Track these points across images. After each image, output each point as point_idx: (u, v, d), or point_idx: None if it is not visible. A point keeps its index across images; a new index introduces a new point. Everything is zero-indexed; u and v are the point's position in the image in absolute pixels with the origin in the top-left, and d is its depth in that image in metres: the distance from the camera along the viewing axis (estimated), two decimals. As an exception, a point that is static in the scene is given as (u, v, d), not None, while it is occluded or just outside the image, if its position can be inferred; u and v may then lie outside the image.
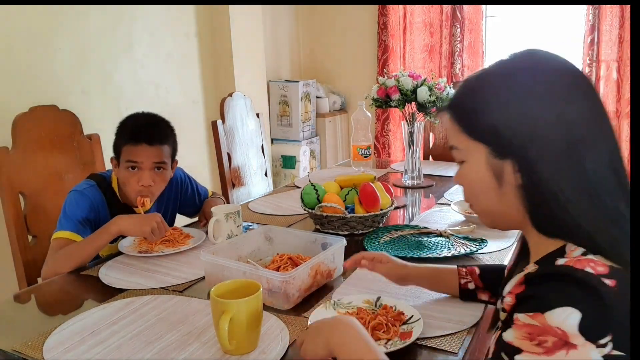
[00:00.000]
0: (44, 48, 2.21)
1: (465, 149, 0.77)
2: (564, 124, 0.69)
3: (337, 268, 1.25)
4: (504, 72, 0.76)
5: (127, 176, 1.49)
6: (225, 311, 0.90)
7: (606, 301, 0.62)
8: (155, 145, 1.49)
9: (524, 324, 0.64)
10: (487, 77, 0.77)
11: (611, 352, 0.61)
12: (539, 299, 0.64)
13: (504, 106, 0.72)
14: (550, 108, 0.69)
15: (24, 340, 1.01)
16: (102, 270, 1.34)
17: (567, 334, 0.61)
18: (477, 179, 0.77)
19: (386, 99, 1.99)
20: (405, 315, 1.02)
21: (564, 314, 0.62)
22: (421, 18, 3.55)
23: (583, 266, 0.64)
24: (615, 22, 2.97)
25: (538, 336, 0.62)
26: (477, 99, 0.75)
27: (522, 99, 0.71)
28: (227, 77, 3.12)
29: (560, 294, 0.63)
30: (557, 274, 0.66)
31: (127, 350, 0.96)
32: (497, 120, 0.72)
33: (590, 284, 0.63)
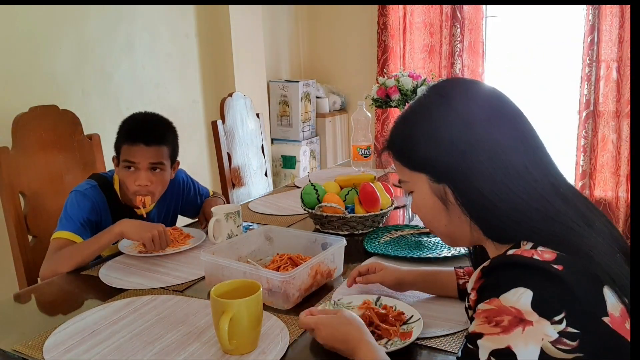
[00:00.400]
0: (44, 48, 2.21)
1: (410, 180, 0.85)
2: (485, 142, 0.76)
3: (337, 268, 1.25)
4: (426, 105, 0.83)
5: (125, 175, 1.49)
6: (226, 311, 0.90)
7: (556, 281, 0.66)
8: (152, 145, 1.48)
9: (482, 310, 0.69)
10: (413, 112, 0.85)
11: (566, 329, 0.64)
12: (493, 286, 0.70)
13: (429, 136, 0.80)
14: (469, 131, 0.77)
15: (24, 340, 1.01)
16: (102, 270, 1.34)
17: (521, 311, 0.65)
18: (426, 206, 0.84)
19: (386, 99, 2.00)
20: (405, 315, 1.02)
21: (517, 294, 0.66)
22: (421, 18, 3.55)
23: (531, 254, 0.69)
24: (615, 22, 2.97)
25: (495, 317, 0.67)
26: (407, 135, 0.84)
27: (443, 127, 0.79)
28: (227, 77, 3.12)
29: (511, 277, 0.68)
30: (507, 262, 0.71)
31: (127, 350, 0.96)
32: (427, 150, 0.80)
33: (538, 266, 0.68)
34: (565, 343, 0.64)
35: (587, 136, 3.14)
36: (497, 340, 0.66)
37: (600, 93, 3.08)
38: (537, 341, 0.64)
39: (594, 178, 3.17)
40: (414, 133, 0.82)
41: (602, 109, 3.10)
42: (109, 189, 1.56)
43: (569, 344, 0.64)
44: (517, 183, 0.75)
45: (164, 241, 1.40)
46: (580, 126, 3.14)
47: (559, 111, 3.37)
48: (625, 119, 3.02)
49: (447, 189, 0.79)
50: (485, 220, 0.77)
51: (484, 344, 0.67)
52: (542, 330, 0.64)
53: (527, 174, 0.75)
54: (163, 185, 1.55)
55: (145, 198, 1.50)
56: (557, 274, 0.66)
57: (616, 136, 3.07)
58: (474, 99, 0.81)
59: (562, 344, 0.64)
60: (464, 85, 0.85)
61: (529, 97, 3.43)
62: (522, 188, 0.74)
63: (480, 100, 0.81)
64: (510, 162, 0.76)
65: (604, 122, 3.10)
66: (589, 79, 3.08)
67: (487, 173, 0.75)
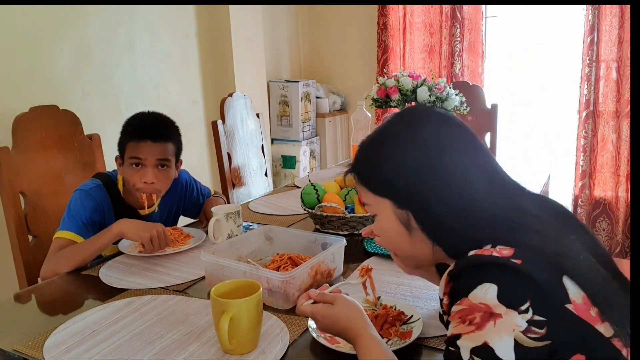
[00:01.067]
0: (44, 48, 2.21)
1: (374, 204, 0.87)
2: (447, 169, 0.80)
3: (337, 268, 1.25)
4: (392, 132, 0.86)
5: (131, 173, 1.49)
6: (226, 311, 0.90)
7: (517, 273, 0.70)
8: (159, 142, 1.48)
9: (455, 312, 0.72)
10: (378, 138, 0.88)
11: (533, 317, 0.67)
12: (461, 287, 0.73)
13: (393, 162, 0.83)
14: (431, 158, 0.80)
15: (24, 340, 1.01)
16: (103, 270, 1.34)
17: (489, 306, 0.68)
18: (390, 230, 0.86)
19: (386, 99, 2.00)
20: (406, 315, 1.02)
21: (482, 290, 0.69)
22: (421, 18, 3.55)
23: (490, 252, 0.73)
24: (615, 22, 2.97)
25: (467, 316, 0.70)
26: (372, 160, 0.87)
27: (407, 153, 0.82)
28: (227, 77, 3.12)
29: (476, 275, 0.72)
30: (469, 264, 0.74)
31: (128, 350, 0.96)
32: (391, 176, 0.83)
33: (498, 262, 0.71)
34: (535, 331, 0.67)
35: (587, 136, 3.14)
36: (474, 338, 0.68)
37: (600, 93, 3.08)
38: (509, 332, 0.67)
39: (593, 178, 3.17)
40: (379, 159, 0.85)
41: (602, 109, 3.10)
42: (113, 189, 1.55)
43: (538, 332, 0.67)
44: (478, 205, 0.78)
45: (163, 241, 1.40)
46: (580, 126, 3.14)
47: (559, 111, 3.37)
48: (625, 119, 3.02)
49: (410, 214, 0.82)
50: (447, 242, 0.81)
51: (463, 344, 0.69)
52: (512, 320, 0.67)
53: (486, 195, 0.79)
54: (168, 183, 1.55)
55: (151, 195, 1.50)
56: (516, 267, 0.70)
57: (616, 136, 3.07)
58: (436, 126, 0.84)
59: (532, 332, 0.67)
60: (428, 113, 0.88)
61: (529, 97, 3.43)
62: (482, 209, 0.78)
63: (442, 128, 0.84)
64: (470, 186, 0.79)
65: (603, 122, 3.10)
66: (589, 79, 3.08)
67: (448, 198, 0.79)
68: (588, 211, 3.22)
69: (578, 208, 3.22)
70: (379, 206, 0.86)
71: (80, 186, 1.52)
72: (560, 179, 3.19)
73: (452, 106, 1.93)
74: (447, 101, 1.92)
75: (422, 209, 0.81)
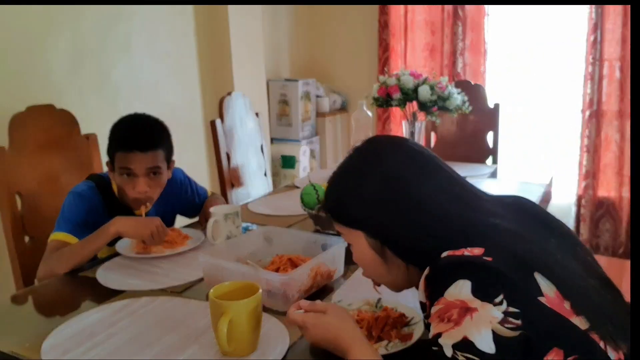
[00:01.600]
0: (40, 47, 2.20)
1: (348, 235, 0.91)
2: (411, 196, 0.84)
3: (338, 269, 1.24)
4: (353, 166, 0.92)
5: (122, 182, 1.47)
6: (225, 313, 0.89)
7: (489, 269, 0.72)
8: (148, 151, 1.44)
9: (433, 313, 0.74)
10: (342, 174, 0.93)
11: (508, 309, 0.69)
12: (437, 288, 0.75)
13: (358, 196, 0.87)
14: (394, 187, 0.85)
15: (21, 342, 1.00)
16: (100, 272, 1.33)
17: (465, 301, 0.71)
18: (365, 259, 0.90)
19: (387, 98, 1.98)
20: (406, 317, 1.01)
21: (457, 287, 0.72)
22: (422, 17, 3.53)
23: (461, 252, 0.76)
24: (618, 21, 2.96)
25: (445, 314, 0.72)
26: (339, 196, 0.91)
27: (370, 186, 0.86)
28: (226, 76, 3.11)
29: (449, 274, 0.74)
30: (443, 264, 0.77)
31: (125, 353, 0.95)
32: (359, 209, 0.87)
33: (470, 260, 0.74)
34: (511, 322, 0.69)
35: (590, 136, 3.13)
36: (453, 334, 0.70)
37: (604, 92, 3.06)
38: (487, 325, 0.69)
39: (597, 178, 3.15)
40: (344, 194, 0.90)
41: (606, 109, 3.08)
42: (107, 190, 1.54)
43: (514, 322, 0.69)
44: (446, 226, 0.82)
45: (163, 235, 1.39)
46: (584, 126, 3.13)
47: (562, 111, 3.35)
48: (628, 119, 3.01)
49: (380, 242, 0.86)
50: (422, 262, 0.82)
51: (445, 342, 0.71)
52: (488, 313, 0.69)
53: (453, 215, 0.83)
54: (161, 189, 1.53)
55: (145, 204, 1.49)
56: (487, 264, 0.73)
57: (619, 136, 3.06)
58: (392, 157, 0.88)
59: (508, 322, 0.69)
60: (383, 145, 0.92)
61: (532, 97, 3.41)
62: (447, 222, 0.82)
63: (397, 157, 0.88)
64: (435, 209, 0.83)
65: (607, 122, 3.09)
66: (592, 78, 3.06)
67: (413, 221, 0.83)
68: (591, 211, 3.20)
69: (581, 208, 3.21)
70: (353, 238, 0.90)
71: (73, 188, 1.50)
72: (564, 179, 3.17)
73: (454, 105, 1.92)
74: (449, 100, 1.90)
75: (389, 235, 0.85)
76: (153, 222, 1.38)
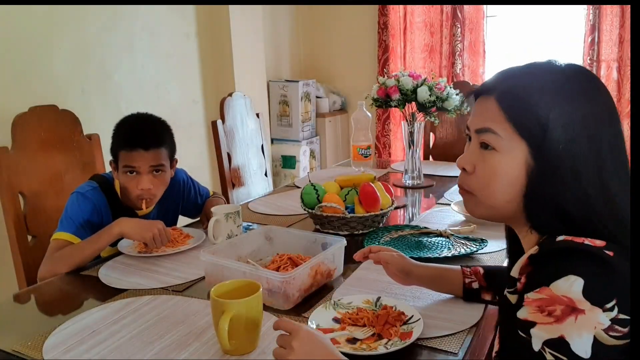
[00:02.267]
0: (43, 48, 2.21)
1: (506, 139, 0.73)
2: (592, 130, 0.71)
3: (337, 268, 1.24)
4: (554, 72, 0.74)
5: (126, 180, 1.48)
6: (225, 311, 0.90)
7: (607, 267, 0.65)
8: (151, 149, 1.46)
9: (533, 299, 0.66)
10: (541, 74, 0.75)
11: (618, 316, 0.63)
12: (543, 275, 0.67)
13: (556, 107, 0.71)
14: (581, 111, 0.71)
15: (23, 340, 1.00)
16: (102, 271, 1.34)
17: (573, 300, 0.63)
18: (507, 175, 0.74)
19: (386, 98, 1.99)
20: (406, 315, 1.02)
21: (567, 283, 0.64)
22: (421, 18, 3.55)
23: (581, 240, 0.67)
24: (615, 22, 2.97)
25: (547, 307, 0.65)
26: (528, 95, 0.72)
27: (569, 102, 0.71)
28: (227, 76, 3.12)
29: (562, 265, 0.66)
30: (558, 249, 0.68)
31: (127, 351, 0.96)
32: (553, 124, 0.70)
33: (590, 252, 0.66)
34: (617, 330, 0.63)
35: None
36: (550, 330, 0.64)
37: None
38: (590, 329, 0.63)
39: (594, 178, 3.16)
40: (541, 95, 0.71)
41: (603, 109, 3.09)
42: (110, 190, 1.55)
43: (621, 331, 0.63)
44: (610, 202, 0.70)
45: (165, 238, 1.40)
46: (581, 126, 3.14)
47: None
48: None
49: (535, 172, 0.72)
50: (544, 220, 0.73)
51: (537, 333, 0.65)
52: (595, 318, 0.63)
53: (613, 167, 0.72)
54: (164, 186, 1.54)
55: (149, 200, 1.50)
56: (608, 260, 0.65)
57: (617, 136, 3.07)
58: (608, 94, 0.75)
59: (614, 330, 0.63)
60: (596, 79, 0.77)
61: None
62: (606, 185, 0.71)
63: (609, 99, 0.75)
64: (621, 162, 0.72)
65: (604, 122, 3.10)
66: (590, 79, 3.07)
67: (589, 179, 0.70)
68: (588, 211, 3.21)
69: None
70: (511, 145, 0.73)
71: (76, 189, 1.51)
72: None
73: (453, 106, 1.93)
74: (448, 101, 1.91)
75: (551, 175, 0.71)
76: (155, 224, 1.39)
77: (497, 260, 1.32)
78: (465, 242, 1.43)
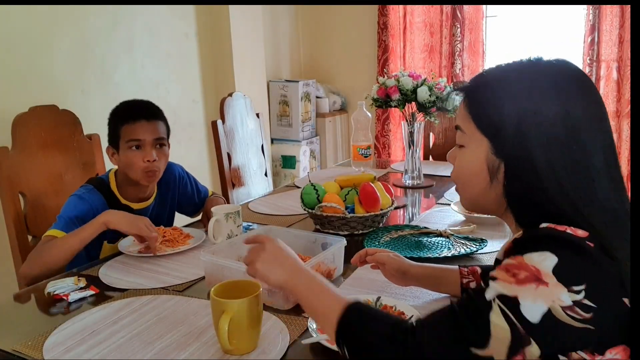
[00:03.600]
0: (44, 48, 2.21)
1: (469, 135, 0.80)
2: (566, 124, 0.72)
3: (337, 268, 1.25)
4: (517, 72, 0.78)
5: (131, 156, 1.50)
6: (225, 311, 0.90)
7: (585, 255, 0.66)
8: (152, 120, 1.52)
9: (504, 264, 0.69)
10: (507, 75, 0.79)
11: (583, 300, 0.64)
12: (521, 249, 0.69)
13: (513, 105, 0.74)
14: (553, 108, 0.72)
15: (24, 340, 1.01)
16: (102, 270, 1.34)
17: (540, 272, 0.65)
18: (471, 168, 0.80)
19: (386, 98, 1.99)
20: (406, 315, 1.02)
21: (541, 257, 0.66)
22: (421, 18, 3.55)
23: (564, 229, 0.69)
24: (615, 22, 2.97)
25: (513, 269, 0.67)
26: (491, 93, 0.77)
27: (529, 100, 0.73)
28: (227, 77, 3.12)
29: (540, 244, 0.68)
30: (540, 235, 0.70)
31: (127, 350, 0.96)
32: (504, 119, 0.74)
33: (570, 240, 0.68)
34: (578, 312, 0.64)
35: (587, 136, 3.14)
36: (507, 287, 0.66)
37: (601, 93, 3.07)
38: (547, 301, 0.64)
39: (594, 178, 3.16)
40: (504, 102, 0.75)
41: (603, 109, 3.10)
42: (106, 190, 1.56)
43: (582, 315, 0.64)
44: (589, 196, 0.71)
45: (154, 228, 1.41)
46: (581, 126, 3.14)
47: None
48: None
49: (502, 167, 0.76)
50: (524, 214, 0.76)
51: (494, 286, 0.68)
52: (556, 293, 0.64)
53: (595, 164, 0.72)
54: (166, 161, 1.58)
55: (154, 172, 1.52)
56: (587, 250, 0.67)
57: (616, 136, 3.07)
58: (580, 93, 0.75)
59: (573, 312, 0.64)
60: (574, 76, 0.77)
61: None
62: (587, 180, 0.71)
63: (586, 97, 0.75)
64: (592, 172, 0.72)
65: (604, 122, 3.10)
66: (589, 79, 3.07)
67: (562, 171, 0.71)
68: (588, 211, 3.21)
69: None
70: (474, 141, 0.79)
71: (74, 192, 1.52)
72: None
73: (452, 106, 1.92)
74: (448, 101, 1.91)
75: (520, 169, 0.74)
76: (142, 219, 1.40)
77: (497, 260, 1.33)
78: (465, 242, 1.43)
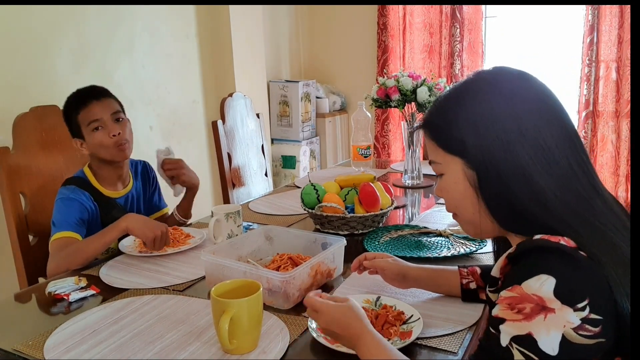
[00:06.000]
0: (44, 48, 2.21)
1: (443, 162, 0.83)
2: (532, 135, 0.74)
3: (337, 268, 1.25)
4: (473, 90, 0.81)
5: (98, 137, 1.54)
6: (226, 311, 0.90)
7: (581, 267, 0.66)
8: (102, 99, 1.56)
9: (505, 297, 0.69)
10: (457, 95, 0.82)
11: (589, 316, 0.64)
12: (517, 273, 0.69)
13: (472, 121, 0.77)
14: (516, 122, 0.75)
15: (24, 339, 1.01)
16: (103, 270, 1.34)
17: (543, 299, 0.65)
18: (456, 190, 0.82)
19: (386, 99, 2.00)
20: (405, 314, 1.02)
21: (538, 282, 0.66)
22: (421, 18, 3.55)
23: (557, 240, 0.69)
24: (614, 22, 2.97)
25: (517, 304, 0.67)
26: (448, 116, 0.81)
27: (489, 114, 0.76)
28: (227, 77, 3.12)
29: (535, 263, 0.68)
30: (533, 247, 0.70)
31: (128, 350, 0.96)
32: (468, 135, 0.77)
33: (564, 251, 0.68)
34: (588, 329, 0.64)
35: (586, 136, 3.15)
36: (518, 327, 0.66)
37: (600, 93, 3.08)
38: (559, 328, 0.64)
39: (593, 178, 3.16)
40: (457, 115, 0.79)
41: (602, 109, 3.10)
42: (88, 186, 1.59)
43: (591, 330, 0.64)
44: (558, 183, 0.73)
45: (164, 242, 1.42)
46: (580, 126, 3.15)
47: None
48: (624, 119, 3.03)
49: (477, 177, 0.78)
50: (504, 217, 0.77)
51: (506, 329, 0.67)
52: (565, 317, 0.64)
53: (570, 173, 0.74)
54: (131, 134, 1.62)
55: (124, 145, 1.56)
56: (582, 260, 0.67)
57: (615, 136, 3.08)
58: (523, 91, 0.78)
59: (584, 330, 0.64)
60: (514, 75, 0.81)
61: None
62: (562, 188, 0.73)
63: (530, 94, 0.78)
64: (554, 159, 0.74)
65: (603, 122, 3.11)
66: (589, 79, 3.08)
67: (527, 168, 0.73)
68: (588, 211, 3.21)
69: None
70: (449, 165, 0.81)
71: (57, 196, 1.55)
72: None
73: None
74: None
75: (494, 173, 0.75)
76: (160, 227, 1.40)
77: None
78: (464, 241, 1.43)
